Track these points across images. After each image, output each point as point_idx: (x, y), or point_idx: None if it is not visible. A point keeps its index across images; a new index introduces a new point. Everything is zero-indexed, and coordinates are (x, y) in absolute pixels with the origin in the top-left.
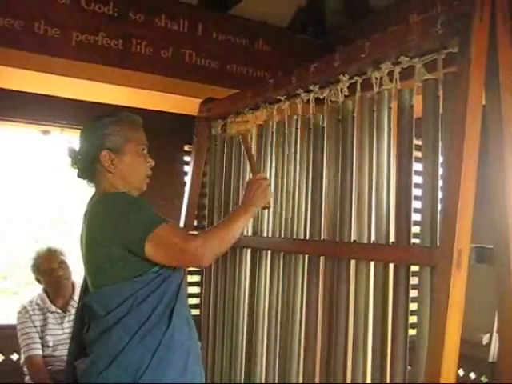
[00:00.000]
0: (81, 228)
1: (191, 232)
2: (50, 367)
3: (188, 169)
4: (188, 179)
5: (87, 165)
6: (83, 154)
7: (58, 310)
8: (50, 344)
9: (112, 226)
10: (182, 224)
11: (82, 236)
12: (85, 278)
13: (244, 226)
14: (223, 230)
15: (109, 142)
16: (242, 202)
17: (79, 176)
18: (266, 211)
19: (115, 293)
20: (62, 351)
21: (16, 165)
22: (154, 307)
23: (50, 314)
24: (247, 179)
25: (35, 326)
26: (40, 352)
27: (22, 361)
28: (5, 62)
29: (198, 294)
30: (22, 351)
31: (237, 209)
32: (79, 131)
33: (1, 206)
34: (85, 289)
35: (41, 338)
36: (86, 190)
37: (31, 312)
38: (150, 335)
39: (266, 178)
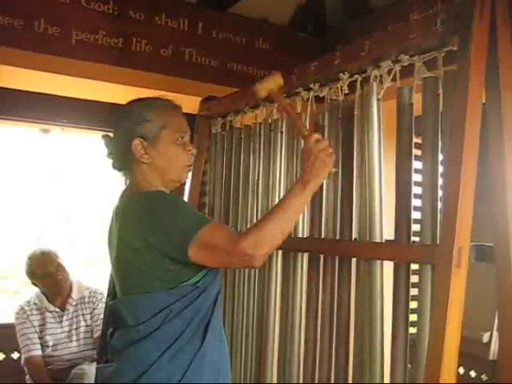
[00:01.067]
0: (110, 225)
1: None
2: (50, 367)
3: None
4: (188, 178)
5: (120, 155)
6: (116, 142)
7: (57, 309)
8: (50, 343)
9: (148, 231)
10: None
11: (110, 234)
12: (111, 278)
13: (303, 208)
14: (277, 220)
15: (142, 129)
16: (298, 180)
17: (114, 167)
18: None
19: (148, 303)
20: (62, 350)
21: (17, 164)
22: (189, 322)
23: (48, 314)
24: (249, 177)
25: (34, 326)
26: (39, 352)
27: (22, 361)
28: (5, 61)
29: None
30: (21, 352)
31: (293, 188)
32: (79, 129)
33: (2, 205)
34: (112, 290)
35: (40, 337)
36: (87, 189)
37: (29, 312)
38: (181, 353)
39: (321, 140)
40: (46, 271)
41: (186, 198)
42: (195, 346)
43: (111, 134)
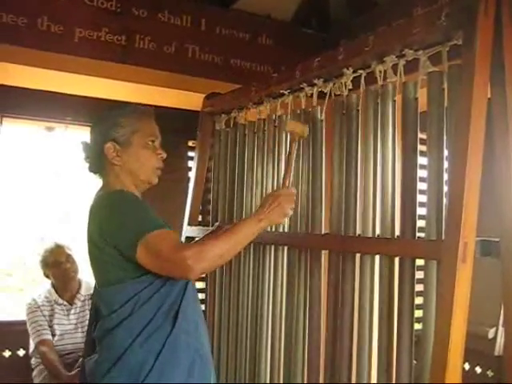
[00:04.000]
0: (87, 224)
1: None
2: None
3: (192, 164)
4: (192, 175)
5: (95, 157)
6: (91, 146)
7: (65, 303)
8: (57, 333)
9: (106, 228)
10: (186, 220)
11: (87, 232)
12: None
13: (249, 240)
14: (223, 244)
15: (114, 133)
16: (254, 214)
17: (90, 170)
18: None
19: (117, 293)
20: (68, 340)
21: (21, 161)
22: (158, 308)
23: (57, 306)
24: (253, 173)
25: (44, 316)
26: (50, 337)
27: (31, 350)
28: (8, 59)
29: (203, 288)
30: (31, 339)
31: (246, 219)
32: (84, 127)
33: (5, 203)
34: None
35: (49, 326)
36: (90, 187)
37: (40, 303)
38: (153, 337)
39: (292, 194)
40: (56, 259)
41: (189, 195)
42: (166, 330)
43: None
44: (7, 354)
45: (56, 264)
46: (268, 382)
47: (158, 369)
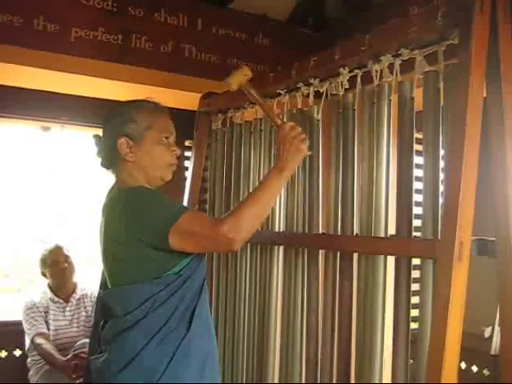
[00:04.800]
0: (99, 222)
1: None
2: None
3: (188, 164)
4: (189, 174)
5: (108, 153)
6: (104, 141)
7: (61, 301)
8: (52, 328)
9: (129, 223)
10: None
11: (100, 232)
12: (103, 272)
13: (278, 193)
14: (254, 205)
15: (127, 129)
16: (274, 165)
17: (102, 165)
18: None
19: (134, 293)
20: (63, 334)
21: (17, 162)
22: (174, 310)
23: (52, 304)
24: (250, 173)
25: (40, 312)
26: (46, 331)
27: (27, 347)
28: (4, 59)
29: None
30: (27, 334)
31: (269, 174)
32: (80, 127)
33: (4, 204)
34: (104, 282)
35: (45, 322)
36: (90, 188)
37: (36, 300)
38: (167, 339)
39: (294, 126)
40: (54, 259)
41: (186, 195)
42: (181, 334)
43: (101, 134)
44: (3, 354)
45: (54, 263)
46: (265, 381)
47: (171, 371)
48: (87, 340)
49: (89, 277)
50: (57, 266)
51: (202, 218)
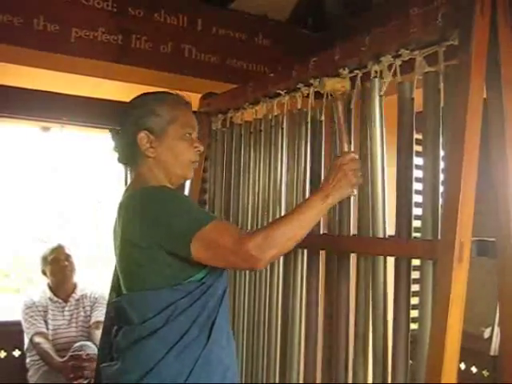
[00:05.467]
0: (114, 221)
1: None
2: None
3: None
4: None
5: (126, 147)
6: (122, 135)
7: (60, 300)
8: (50, 327)
9: (150, 226)
10: None
11: (115, 231)
12: (115, 273)
13: (318, 219)
14: (289, 226)
15: (149, 122)
16: (319, 190)
17: (119, 160)
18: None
19: (153, 300)
20: (61, 334)
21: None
22: (194, 319)
23: (51, 303)
24: (250, 174)
25: (39, 311)
26: (45, 330)
27: (26, 346)
28: (4, 59)
29: None
30: (26, 333)
31: (312, 197)
32: (80, 127)
33: (4, 204)
34: (116, 285)
35: (44, 321)
36: (90, 188)
37: (35, 300)
38: (188, 350)
39: (355, 159)
40: (55, 257)
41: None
42: (201, 343)
43: (118, 128)
44: (2, 354)
45: (54, 261)
46: (264, 381)
47: (191, 383)
48: (85, 342)
49: (89, 277)
50: (57, 264)
51: (230, 230)
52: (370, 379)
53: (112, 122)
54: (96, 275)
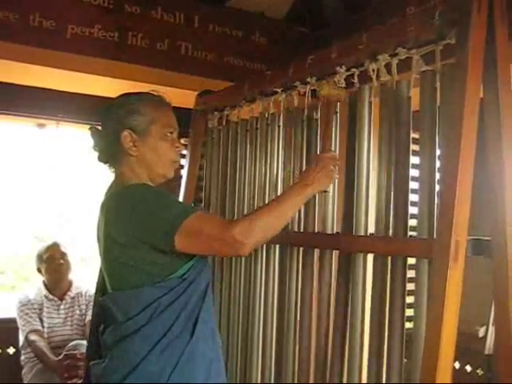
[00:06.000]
0: (97, 221)
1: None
2: None
3: (184, 162)
4: (184, 173)
5: (107, 146)
6: (104, 133)
7: (55, 298)
8: (46, 325)
9: (133, 224)
10: None
11: (98, 230)
12: (101, 271)
13: (298, 207)
14: (271, 214)
15: (132, 122)
16: (299, 180)
17: (100, 159)
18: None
19: (136, 298)
20: (57, 332)
21: (13, 158)
22: (178, 315)
23: (47, 301)
24: (246, 171)
25: (34, 309)
26: (41, 328)
27: (20, 344)
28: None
29: None
30: (21, 331)
31: (292, 187)
32: (75, 124)
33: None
34: (100, 286)
35: (39, 319)
36: (88, 186)
37: (31, 297)
38: (171, 346)
39: (335, 158)
40: (50, 255)
41: (181, 193)
42: (185, 339)
43: (99, 127)
44: None
45: (50, 259)
46: (259, 380)
47: (175, 379)
48: (80, 341)
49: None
50: (52, 262)
51: (211, 219)
52: (364, 378)
53: (100, 116)
54: (95, 275)
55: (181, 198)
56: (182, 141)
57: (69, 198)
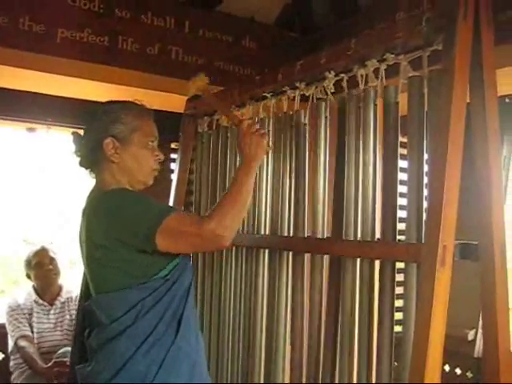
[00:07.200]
0: (79, 226)
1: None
2: None
3: (174, 166)
4: (174, 177)
5: (90, 152)
6: (86, 139)
7: (45, 303)
8: (35, 330)
9: (114, 227)
10: None
11: (80, 235)
12: (84, 276)
13: (252, 185)
14: (234, 203)
15: (114, 129)
16: (242, 163)
17: (81, 164)
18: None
19: (120, 301)
20: (46, 338)
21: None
22: (161, 316)
23: (37, 306)
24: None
25: (24, 314)
26: (30, 334)
27: (10, 349)
28: None
29: None
30: (11, 336)
31: (239, 170)
32: (66, 128)
33: None
34: (85, 289)
35: (28, 324)
36: (74, 188)
37: (20, 302)
38: (156, 346)
39: (253, 124)
40: (39, 261)
41: (171, 197)
42: (169, 339)
43: (81, 132)
44: None
45: (38, 265)
46: (249, 381)
47: (161, 378)
48: (69, 348)
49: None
50: (41, 267)
51: (189, 217)
52: (354, 379)
53: (83, 122)
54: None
55: (171, 202)
56: (173, 145)
57: (57, 201)
